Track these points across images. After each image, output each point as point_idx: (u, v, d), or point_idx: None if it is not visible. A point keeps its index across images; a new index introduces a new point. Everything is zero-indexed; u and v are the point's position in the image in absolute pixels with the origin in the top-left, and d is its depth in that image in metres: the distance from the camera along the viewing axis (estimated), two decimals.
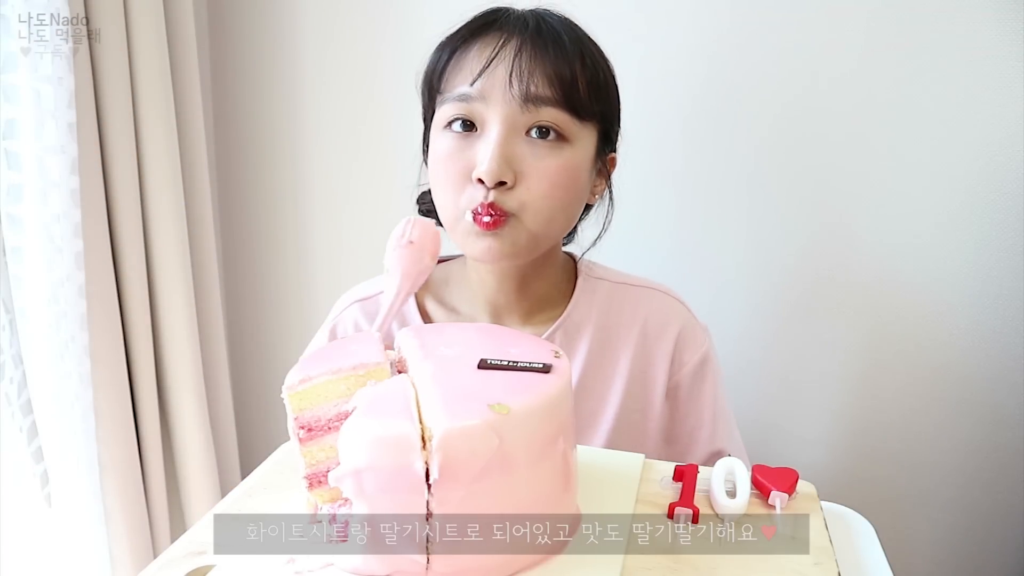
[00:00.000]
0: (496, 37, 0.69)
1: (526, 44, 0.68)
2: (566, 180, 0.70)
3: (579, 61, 0.69)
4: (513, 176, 0.68)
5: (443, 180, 0.71)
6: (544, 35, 0.69)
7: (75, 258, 0.97)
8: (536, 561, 0.47)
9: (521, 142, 0.68)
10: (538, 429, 0.45)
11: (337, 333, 0.86)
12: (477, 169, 0.67)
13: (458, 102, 0.69)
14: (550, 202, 0.69)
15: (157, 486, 1.18)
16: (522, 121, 0.68)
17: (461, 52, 0.71)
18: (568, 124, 0.69)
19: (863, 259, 1.08)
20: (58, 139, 0.92)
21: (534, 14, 0.72)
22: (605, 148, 0.76)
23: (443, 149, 0.70)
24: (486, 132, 0.68)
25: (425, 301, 0.84)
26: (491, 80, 0.67)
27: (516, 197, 0.68)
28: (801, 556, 0.49)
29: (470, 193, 0.69)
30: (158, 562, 0.49)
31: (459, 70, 0.70)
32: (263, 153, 1.33)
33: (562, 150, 0.69)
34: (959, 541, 1.13)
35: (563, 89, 0.67)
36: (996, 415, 1.07)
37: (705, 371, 0.81)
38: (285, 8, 1.25)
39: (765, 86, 1.07)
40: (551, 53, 0.68)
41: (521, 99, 0.67)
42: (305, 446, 0.51)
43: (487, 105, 0.68)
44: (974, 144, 1.00)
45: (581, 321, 0.80)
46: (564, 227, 0.75)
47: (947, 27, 0.97)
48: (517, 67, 0.67)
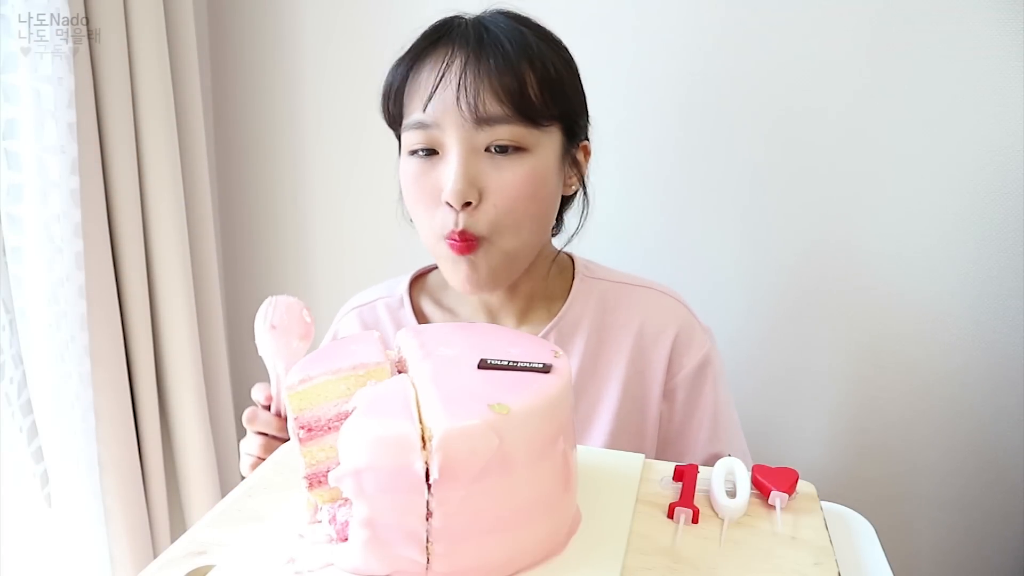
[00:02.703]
0: (441, 56, 0.69)
1: (470, 61, 0.67)
2: (531, 189, 0.70)
3: (527, 66, 0.68)
4: (478, 194, 0.68)
5: (415, 203, 0.72)
6: (486, 47, 0.68)
7: (75, 258, 0.97)
8: (536, 561, 0.47)
9: (482, 159, 0.69)
10: (538, 429, 0.45)
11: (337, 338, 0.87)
12: (444, 192, 0.68)
13: (416, 130, 0.70)
14: (517, 216, 0.70)
15: (157, 486, 1.18)
16: (479, 140, 0.68)
17: (414, 73, 0.71)
18: (525, 136, 0.68)
19: (863, 259, 1.08)
20: (58, 139, 0.92)
21: (478, 24, 0.71)
22: (572, 142, 0.75)
23: (411, 174, 0.71)
24: (446, 155, 0.69)
25: (422, 304, 0.85)
26: (441, 104, 0.68)
27: (484, 217, 0.69)
28: (801, 556, 0.49)
29: (442, 216, 0.70)
30: (158, 562, 0.49)
31: (412, 93, 0.70)
32: (263, 153, 1.33)
33: (523, 160, 0.69)
34: (959, 541, 1.13)
35: (513, 103, 0.67)
36: (996, 415, 1.07)
37: (705, 374, 0.80)
38: (285, 8, 1.25)
39: (764, 85, 1.07)
40: (494, 67, 0.67)
41: (473, 120, 0.67)
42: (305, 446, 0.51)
43: (442, 130, 0.68)
44: (974, 144, 1.00)
45: (577, 321, 0.80)
46: (538, 234, 0.75)
47: (947, 27, 0.97)
48: (463, 88, 0.67)
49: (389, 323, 0.84)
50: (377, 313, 0.85)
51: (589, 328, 0.80)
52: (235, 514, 0.54)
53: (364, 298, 0.87)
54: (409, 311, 0.83)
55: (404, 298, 0.84)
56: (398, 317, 0.84)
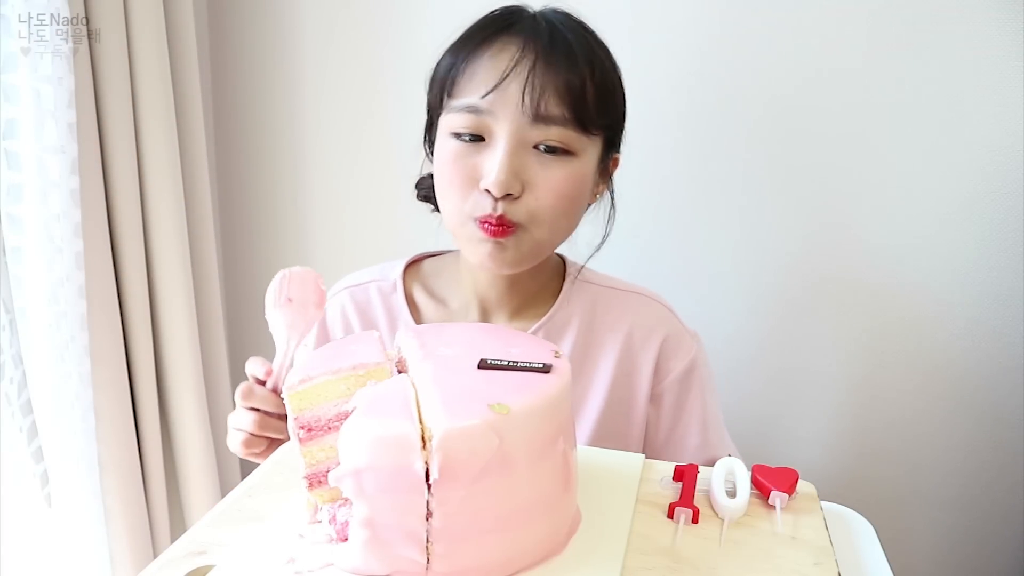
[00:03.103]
0: (510, 47, 0.68)
1: (540, 59, 0.67)
2: (572, 190, 0.70)
3: (589, 74, 0.68)
4: (520, 187, 0.68)
5: (448, 184, 0.71)
6: (557, 47, 0.68)
7: (75, 258, 0.97)
8: (536, 561, 0.47)
9: (528, 154, 0.69)
10: (538, 429, 0.45)
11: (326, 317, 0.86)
12: (485, 180, 0.68)
13: (468, 114, 0.68)
14: (556, 212, 0.70)
15: (157, 486, 1.18)
16: (531, 136, 0.68)
17: (474, 58, 0.70)
18: (575, 140, 0.69)
19: (863, 258, 1.08)
20: (58, 139, 0.92)
21: (548, 20, 0.71)
22: (609, 152, 0.76)
23: (450, 153, 0.70)
24: (494, 143, 0.68)
25: (414, 292, 0.85)
26: (503, 95, 0.67)
27: (523, 208, 0.69)
28: (801, 556, 0.49)
29: (476, 200, 0.69)
30: (158, 562, 0.49)
31: (471, 78, 0.69)
32: (263, 153, 1.33)
33: (569, 162, 0.69)
34: (959, 541, 1.13)
35: (573, 107, 0.67)
36: (996, 415, 1.07)
37: (692, 379, 0.80)
38: (285, 8, 1.25)
39: (764, 84, 1.07)
40: (564, 68, 0.67)
41: (531, 116, 0.67)
42: (305, 446, 0.51)
43: (496, 119, 0.68)
44: (974, 144, 1.00)
45: (566, 321, 0.81)
46: (567, 233, 0.75)
47: (947, 27, 0.98)
48: (530, 84, 0.66)
49: (380, 307, 0.84)
50: (369, 295, 0.85)
51: (577, 329, 0.80)
52: (235, 514, 0.54)
53: (357, 279, 0.87)
54: (401, 297, 0.83)
55: (397, 283, 0.84)
56: (390, 302, 0.84)
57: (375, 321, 0.84)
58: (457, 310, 0.83)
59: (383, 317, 0.83)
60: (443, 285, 0.84)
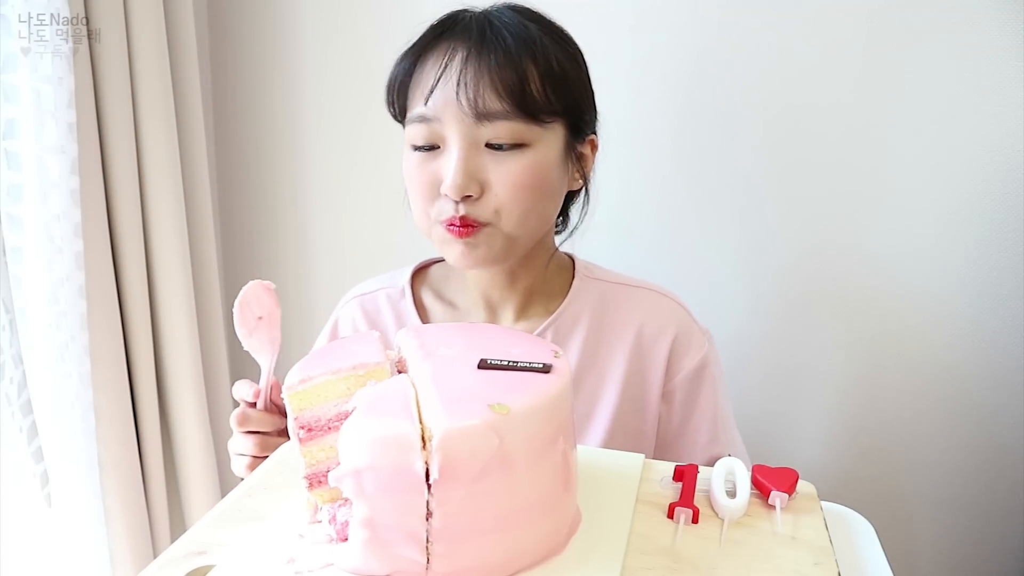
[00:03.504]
0: (444, 50, 0.69)
1: (471, 56, 0.67)
2: (532, 181, 0.70)
3: (529, 61, 0.68)
4: (479, 187, 0.69)
5: (414, 194, 0.73)
6: (488, 42, 0.68)
7: (75, 258, 0.97)
8: (536, 561, 0.47)
9: (482, 153, 0.69)
10: (538, 429, 0.45)
11: (338, 329, 0.88)
12: (443, 184, 0.69)
13: (419, 124, 0.70)
14: (520, 204, 0.70)
15: (157, 486, 1.18)
16: (480, 135, 0.68)
17: (419, 67, 0.71)
18: (525, 132, 0.69)
19: (862, 259, 1.08)
20: (58, 139, 0.92)
21: (482, 18, 0.71)
22: (578, 137, 0.75)
23: (411, 165, 0.72)
24: (448, 149, 0.70)
25: (423, 296, 0.86)
26: (442, 98, 0.68)
27: (486, 206, 0.70)
28: (801, 556, 0.49)
29: (440, 205, 0.71)
30: (158, 562, 0.49)
31: (416, 86, 0.71)
32: (263, 153, 1.33)
33: (524, 155, 0.69)
34: (959, 540, 1.13)
35: (513, 99, 0.67)
36: (996, 415, 1.07)
37: (703, 376, 0.80)
38: (285, 8, 1.25)
39: (763, 84, 1.06)
40: (495, 62, 0.67)
41: (473, 116, 0.67)
42: (305, 446, 0.51)
43: (443, 124, 0.69)
44: (974, 144, 1.00)
45: (575, 319, 0.80)
46: (540, 224, 0.75)
47: (947, 27, 0.97)
48: (463, 83, 0.67)
49: (390, 313, 0.85)
50: (378, 303, 0.86)
51: (587, 327, 0.80)
52: (235, 514, 0.54)
53: (366, 288, 0.88)
54: (410, 302, 0.84)
55: (406, 288, 0.85)
56: (399, 308, 0.85)
57: (385, 328, 0.84)
58: (464, 311, 0.83)
59: (392, 323, 0.84)
60: (450, 288, 0.85)
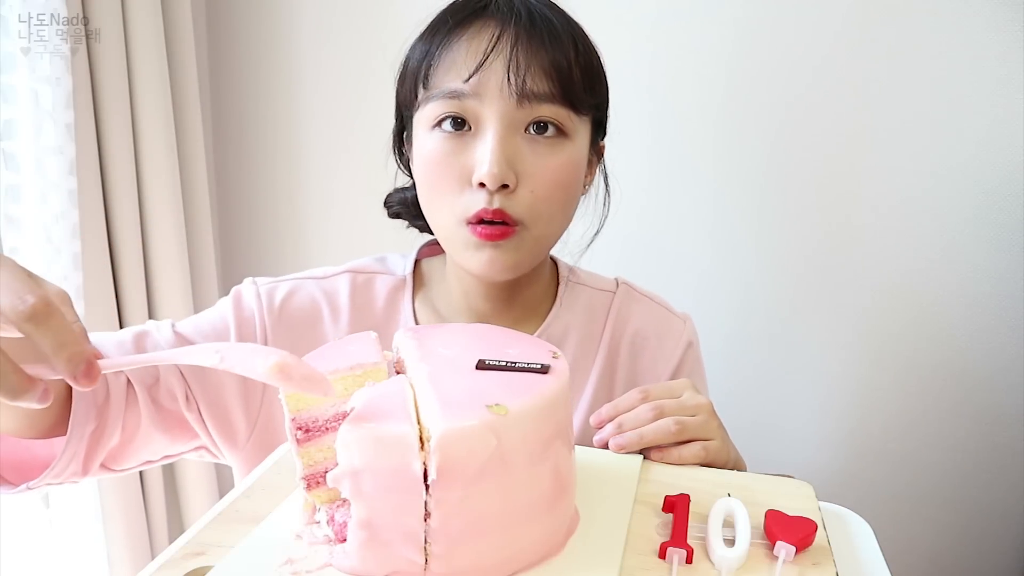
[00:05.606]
0: (488, 28, 0.65)
1: (521, 36, 0.64)
2: (567, 178, 0.67)
3: (573, 51, 0.66)
4: (515, 178, 0.64)
5: (436, 186, 0.66)
6: (538, 24, 0.65)
7: (73, 259, 0.97)
8: (534, 562, 0.47)
9: (520, 140, 0.65)
10: (536, 430, 0.45)
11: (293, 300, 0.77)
12: (477, 172, 0.63)
13: (449, 99, 0.64)
14: (554, 205, 0.67)
15: (156, 486, 1.18)
16: (519, 117, 0.64)
17: (450, 44, 0.66)
18: (567, 119, 0.66)
19: (862, 259, 1.08)
20: (56, 140, 0.92)
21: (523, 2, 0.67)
22: (597, 138, 0.74)
23: (435, 151, 0.65)
24: (482, 131, 0.64)
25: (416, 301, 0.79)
26: (486, 77, 0.63)
27: (520, 202, 0.65)
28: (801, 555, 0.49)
29: (468, 199, 0.65)
30: (156, 563, 0.49)
31: (449, 65, 0.65)
32: (261, 153, 1.33)
33: (563, 146, 0.66)
34: (957, 540, 1.13)
35: (561, 82, 0.64)
36: (994, 415, 1.07)
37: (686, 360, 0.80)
38: (283, 8, 1.25)
39: (764, 85, 1.07)
40: (547, 44, 0.64)
41: (518, 95, 0.63)
42: (303, 447, 0.51)
43: (482, 102, 0.63)
44: (974, 144, 1.00)
45: (564, 329, 0.79)
46: (563, 229, 0.72)
47: (947, 28, 0.98)
48: (514, 62, 0.63)
49: (383, 302, 0.78)
50: (375, 289, 0.78)
51: (576, 338, 0.79)
52: (233, 515, 0.54)
53: (362, 266, 0.80)
54: (408, 309, 0.77)
55: (408, 280, 0.78)
56: (395, 299, 0.78)
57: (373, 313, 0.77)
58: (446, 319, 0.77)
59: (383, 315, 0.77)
60: (433, 294, 0.79)
